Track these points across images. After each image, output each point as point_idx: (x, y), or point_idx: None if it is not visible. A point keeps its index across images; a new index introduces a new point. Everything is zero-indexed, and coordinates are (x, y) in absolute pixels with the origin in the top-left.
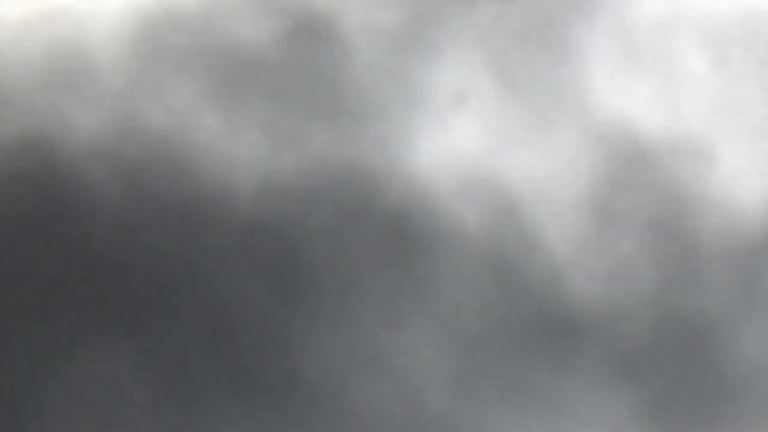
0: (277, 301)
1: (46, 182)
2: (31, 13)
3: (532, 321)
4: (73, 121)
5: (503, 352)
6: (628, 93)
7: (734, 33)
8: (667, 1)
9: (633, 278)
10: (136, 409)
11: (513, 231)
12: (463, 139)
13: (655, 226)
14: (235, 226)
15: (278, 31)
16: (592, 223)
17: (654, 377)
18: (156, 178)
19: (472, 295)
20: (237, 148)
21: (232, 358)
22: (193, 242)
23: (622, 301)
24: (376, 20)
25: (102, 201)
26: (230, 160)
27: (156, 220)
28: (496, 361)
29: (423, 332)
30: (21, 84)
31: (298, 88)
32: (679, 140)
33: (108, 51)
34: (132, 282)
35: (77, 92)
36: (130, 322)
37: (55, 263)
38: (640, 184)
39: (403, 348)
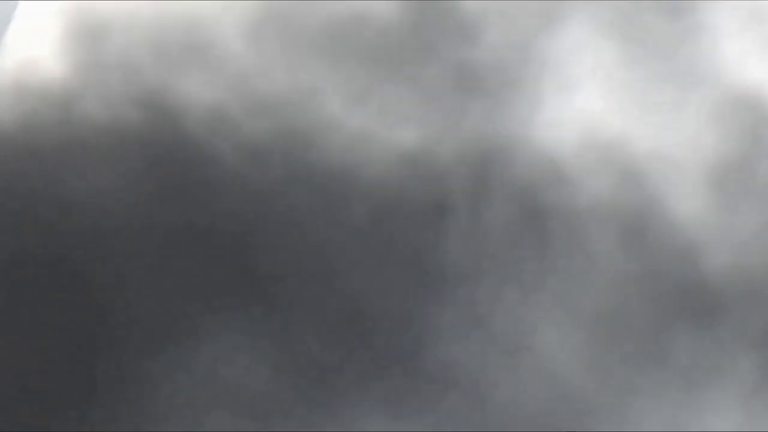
0: (408, 281)
1: (169, 154)
2: None
3: (666, 293)
4: (194, 93)
5: (638, 326)
6: (759, 59)
7: None
8: None
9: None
10: (265, 396)
11: (643, 200)
12: (591, 106)
13: None
14: (364, 202)
15: (405, 3)
16: (723, 192)
17: None
18: (282, 152)
19: (605, 267)
20: (366, 122)
21: (361, 343)
22: (320, 219)
23: (757, 272)
24: None
25: (226, 174)
26: (359, 134)
27: (282, 196)
28: (630, 335)
29: (556, 307)
30: (140, 56)
31: (424, 59)
32: None
33: (229, 21)
34: (256, 258)
35: (197, 64)
36: (254, 301)
37: (180, 234)
38: None
39: (536, 325)
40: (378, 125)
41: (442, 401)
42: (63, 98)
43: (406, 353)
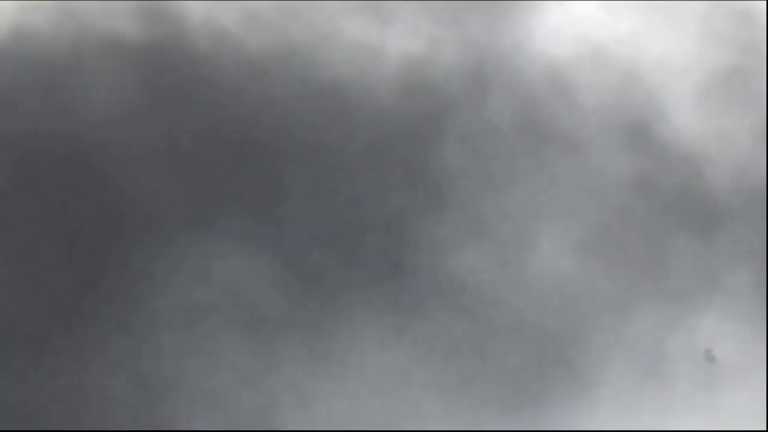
0: (408, 188)
1: (169, 66)
2: None
3: (666, 202)
4: (193, 5)
5: (637, 234)
6: None
7: None
8: None
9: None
10: (261, 303)
11: (644, 108)
12: (589, 12)
13: None
14: (363, 113)
15: None
16: (722, 102)
17: None
18: (282, 65)
19: (605, 174)
20: (365, 32)
21: (361, 252)
22: (321, 130)
23: (756, 183)
24: None
25: (227, 86)
26: (359, 45)
27: (282, 107)
28: (630, 243)
29: (556, 214)
30: None
31: None
32: None
33: None
34: (256, 168)
35: None
36: (253, 210)
37: (181, 146)
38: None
39: (536, 232)
40: (377, 35)
41: (442, 309)
42: (61, 9)
43: (407, 261)
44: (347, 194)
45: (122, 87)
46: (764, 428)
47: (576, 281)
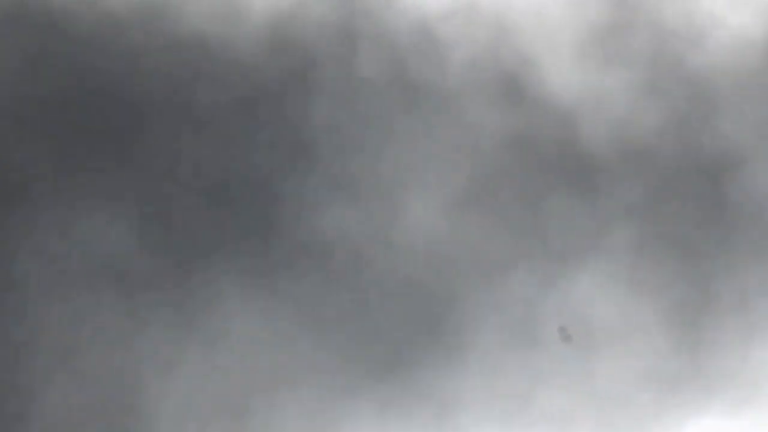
0: (277, 149)
1: (30, 24)
2: None
3: (542, 159)
4: None
5: (513, 192)
6: None
7: None
8: None
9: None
10: (129, 264)
11: (518, 63)
12: None
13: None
14: (230, 69)
15: None
16: (599, 57)
17: (668, 214)
18: (141, 21)
19: (479, 132)
20: None
21: (231, 212)
22: (184, 88)
23: (633, 138)
24: None
25: (85, 41)
26: (238, 1)
27: (143, 64)
28: (506, 201)
29: (430, 173)
30: None
31: None
32: None
33: None
34: (121, 125)
35: None
36: (119, 168)
37: (40, 99)
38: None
39: (410, 192)
40: None
41: (311, 269)
42: None
43: (274, 220)
44: (213, 151)
45: None
46: None
47: (449, 241)
